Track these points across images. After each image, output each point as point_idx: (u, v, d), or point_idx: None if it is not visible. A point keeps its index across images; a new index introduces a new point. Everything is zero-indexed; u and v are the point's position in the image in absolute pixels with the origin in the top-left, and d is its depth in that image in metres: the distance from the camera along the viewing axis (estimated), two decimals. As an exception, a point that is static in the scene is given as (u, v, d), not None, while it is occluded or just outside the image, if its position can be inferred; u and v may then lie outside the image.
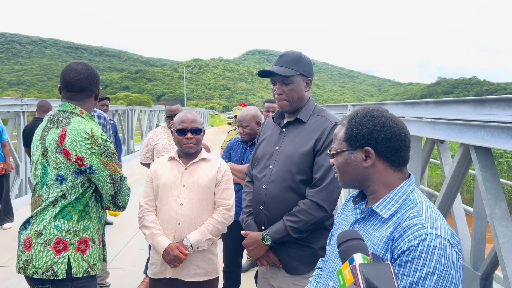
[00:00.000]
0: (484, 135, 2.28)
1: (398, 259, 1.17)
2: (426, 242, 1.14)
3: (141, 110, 18.26)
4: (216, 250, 2.56)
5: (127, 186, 2.12)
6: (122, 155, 13.65)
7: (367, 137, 1.29)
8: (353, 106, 4.96)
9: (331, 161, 1.40)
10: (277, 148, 2.20)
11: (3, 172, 5.96)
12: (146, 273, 3.95)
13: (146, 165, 4.04)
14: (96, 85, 2.15)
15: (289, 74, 2.10)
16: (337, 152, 1.36)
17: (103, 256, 2.23)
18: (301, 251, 2.12)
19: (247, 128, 3.46)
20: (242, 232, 2.24)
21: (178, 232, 2.40)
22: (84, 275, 2.00)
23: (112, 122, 4.24)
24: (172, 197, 2.43)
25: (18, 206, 7.08)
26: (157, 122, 19.90)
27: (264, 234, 2.13)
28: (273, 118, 2.32)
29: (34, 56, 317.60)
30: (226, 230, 2.53)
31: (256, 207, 2.22)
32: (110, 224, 6.07)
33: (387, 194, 1.30)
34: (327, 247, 1.56)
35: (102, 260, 2.16)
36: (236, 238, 2.73)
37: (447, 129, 2.71)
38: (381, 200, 1.30)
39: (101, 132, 2.02)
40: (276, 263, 2.16)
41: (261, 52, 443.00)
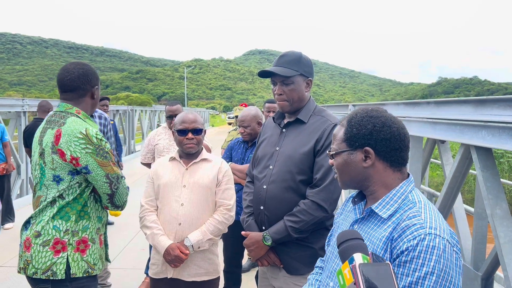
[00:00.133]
0: (485, 135, 2.28)
1: (397, 259, 1.17)
2: (425, 242, 1.14)
3: (142, 110, 18.27)
4: (217, 250, 2.57)
5: (125, 185, 2.11)
6: (123, 155, 13.68)
7: (367, 137, 1.29)
8: (353, 106, 4.96)
9: (330, 161, 1.40)
10: (277, 148, 2.20)
11: (4, 172, 5.97)
12: (147, 273, 3.95)
13: (147, 165, 4.05)
14: (89, 83, 2.10)
15: (289, 74, 2.10)
16: (336, 152, 1.36)
17: (106, 255, 2.23)
18: (301, 251, 2.12)
19: (248, 128, 3.46)
20: (243, 232, 2.24)
21: (179, 232, 2.40)
22: (84, 275, 2.00)
23: (112, 122, 4.24)
24: (173, 197, 2.43)
25: (19, 206, 7.10)
26: (158, 122, 19.92)
27: (264, 234, 2.13)
28: (273, 118, 2.33)
29: (35, 56, 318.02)
30: (227, 230, 2.54)
31: (256, 208, 2.22)
32: (111, 224, 6.08)
33: (386, 194, 1.30)
34: (327, 248, 1.56)
35: (104, 260, 2.16)
36: (236, 238, 2.73)
37: (448, 129, 2.71)
38: (380, 200, 1.30)
39: (96, 131, 2.00)
40: (276, 263, 2.16)
41: (261, 52, 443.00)
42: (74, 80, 2.06)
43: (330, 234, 1.60)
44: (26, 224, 2.06)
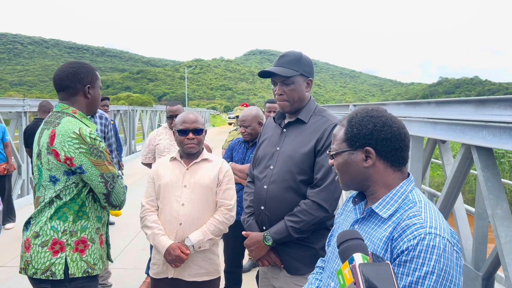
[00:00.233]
0: (485, 135, 2.28)
1: (397, 259, 1.17)
2: (425, 241, 1.14)
3: (142, 111, 18.28)
4: (217, 250, 2.57)
5: (122, 184, 2.08)
6: (123, 156, 13.69)
7: (368, 137, 1.29)
8: (354, 106, 4.96)
9: (331, 161, 1.40)
10: (278, 148, 2.20)
11: (5, 172, 5.98)
12: (147, 273, 3.95)
13: (148, 165, 4.05)
14: (80, 82, 2.06)
15: (289, 74, 2.10)
16: (337, 152, 1.36)
17: (108, 255, 2.22)
18: (302, 252, 2.12)
19: (249, 128, 3.47)
20: (244, 232, 2.24)
21: (179, 232, 2.40)
22: (83, 276, 1.99)
23: (112, 122, 4.25)
24: (173, 197, 2.44)
25: (20, 206, 7.11)
26: (158, 123, 19.93)
27: (265, 234, 2.13)
28: (274, 118, 2.33)
29: (36, 56, 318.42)
30: (227, 230, 2.54)
31: (257, 208, 2.22)
32: (112, 224, 6.08)
33: (387, 194, 1.30)
34: (328, 248, 1.56)
35: (104, 259, 2.15)
36: (237, 238, 2.73)
37: (449, 129, 2.71)
38: (380, 200, 1.30)
39: (89, 130, 1.97)
40: (277, 264, 2.16)
41: (262, 52, 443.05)
42: (63, 79, 2.05)
43: (330, 234, 1.60)
44: (27, 224, 2.06)
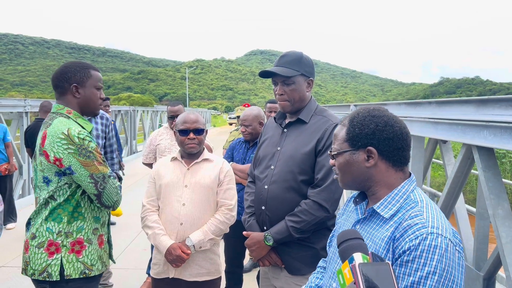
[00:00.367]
0: (486, 135, 2.28)
1: (399, 259, 1.16)
2: (427, 241, 1.13)
3: (143, 111, 18.30)
4: (218, 250, 2.57)
5: (114, 185, 2.03)
6: (125, 156, 13.71)
7: (370, 137, 1.29)
8: (355, 106, 4.96)
9: (332, 162, 1.39)
10: (278, 148, 2.20)
11: (7, 172, 5.98)
12: (148, 273, 3.96)
13: (149, 165, 4.05)
14: (67, 81, 2.04)
15: (290, 74, 2.10)
16: (338, 152, 1.35)
17: (110, 255, 2.22)
18: (303, 252, 2.12)
19: (249, 127, 3.47)
20: (244, 232, 2.24)
21: (180, 232, 2.40)
22: (80, 277, 1.98)
23: (112, 122, 4.25)
24: (174, 197, 2.44)
25: (21, 206, 7.12)
26: (159, 123, 19.94)
27: (266, 234, 2.13)
28: (274, 118, 2.33)
29: (37, 57, 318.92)
30: (228, 230, 2.54)
31: (258, 208, 2.22)
32: (113, 224, 6.09)
33: (388, 194, 1.29)
34: (329, 249, 1.55)
35: (104, 260, 2.13)
36: (238, 238, 2.73)
37: (450, 129, 2.71)
38: (382, 200, 1.29)
39: (78, 131, 1.94)
40: (278, 264, 2.16)
41: (263, 52, 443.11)
42: (54, 79, 2.07)
43: (332, 235, 1.59)
44: (28, 225, 2.07)
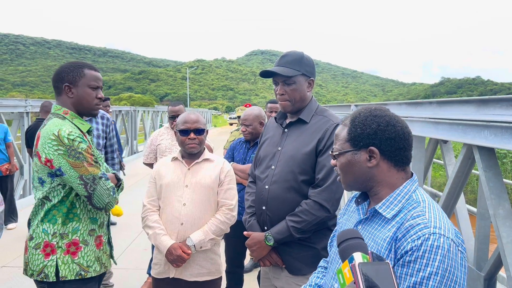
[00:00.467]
0: (487, 135, 2.28)
1: (401, 259, 1.16)
2: (429, 241, 1.13)
3: (144, 111, 18.30)
4: (219, 250, 2.57)
5: (106, 186, 1.98)
6: (125, 156, 13.72)
7: (371, 136, 1.28)
8: (356, 106, 4.96)
9: (333, 162, 1.38)
10: (279, 148, 2.20)
11: (8, 172, 5.99)
12: (149, 273, 3.96)
13: (149, 165, 4.05)
14: (61, 81, 2.02)
15: (291, 74, 2.09)
16: (340, 152, 1.34)
17: (111, 256, 2.21)
18: (304, 252, 2.12)
19: (250, 127, 3.47)
20: (245, 232, 2.24)
21: (181, 232, 2.40)
22: (76, 278, 1.97)
23: (113, 123, 4.26)
24: (175, 197, 2.44)
25: (22, 206, 7.13)
26: (160, 123, 19.94)
27: (266, 234, 2.13)
28: (275, 118, 2.33)
29: (38, 57, 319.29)
30: (229, 230, 2.54)
31: (258, 208, 2.22)
32: (114, 224, 6.09)
33: (390, 194, 1.28)
34: (330, 249, 1.55)
35: (102, 261, 2.11)
36: (238, 238, 2.73)
37: (450, 129, 2.70)
38: (384, 200, 1.29)
39: (68, 132, 1.91)
40: (279, 264, 2.16)
41: (264, 52, 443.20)
42: (52, 79, 2.07)
43: (333, 235, 1.58)
44: (29, 225, 2.08)
